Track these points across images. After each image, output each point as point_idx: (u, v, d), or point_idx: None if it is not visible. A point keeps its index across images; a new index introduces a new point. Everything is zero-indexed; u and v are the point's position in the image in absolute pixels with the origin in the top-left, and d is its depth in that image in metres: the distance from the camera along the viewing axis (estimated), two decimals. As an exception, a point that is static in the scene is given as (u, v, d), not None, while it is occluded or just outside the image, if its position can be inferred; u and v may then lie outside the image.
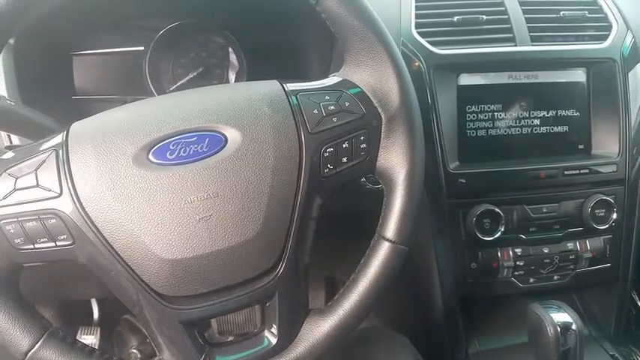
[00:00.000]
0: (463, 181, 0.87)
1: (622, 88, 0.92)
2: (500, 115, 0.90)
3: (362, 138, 0.59)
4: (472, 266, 0.90)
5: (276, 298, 0.57)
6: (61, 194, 0.52)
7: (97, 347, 0.91)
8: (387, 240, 0.60)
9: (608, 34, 0.94)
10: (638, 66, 0.94)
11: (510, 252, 0.90)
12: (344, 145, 0.58)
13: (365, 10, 0.60)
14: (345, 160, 0.58)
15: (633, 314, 1.52)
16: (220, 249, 0.53)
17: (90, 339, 1.20)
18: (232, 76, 0.97)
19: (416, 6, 0.91)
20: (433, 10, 0.91)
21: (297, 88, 0.60)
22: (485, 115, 0.90)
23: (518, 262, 0.90)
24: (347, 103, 0.59)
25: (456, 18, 0.90)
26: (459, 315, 0.94)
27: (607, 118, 0.93)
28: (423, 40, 0.88)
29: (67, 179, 0.52)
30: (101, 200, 0.52)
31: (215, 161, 0.53)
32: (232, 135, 0.55)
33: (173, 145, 0.53)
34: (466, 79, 0.89)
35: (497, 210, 0.87)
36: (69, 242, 0.52)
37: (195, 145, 0.54)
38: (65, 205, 0.52)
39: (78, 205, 0.52)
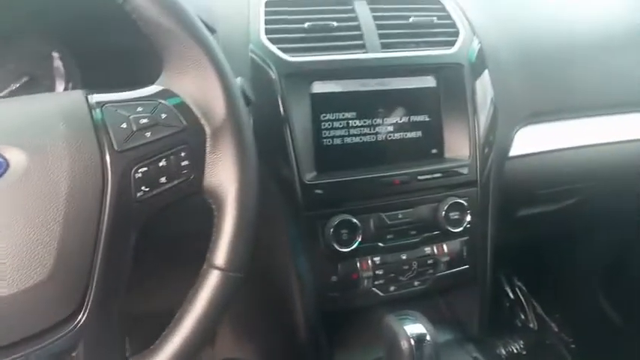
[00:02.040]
0: (319, 191, 0.85)
1: (470, 92, 0.93)
2: (355, 122, 0.89)
3: (183, 154, 0.54)
4: (333, 280, 0.87)
5: (81, 349, 0.49)
6: None
7: None
8: (217, 268, 0.55)
9: (456, 40, 0.95)
10: (486, 72, 0.96)
11: (369, 261, 0.88)
12: (161, 164, 0.52)
13: (179, 10, 0.54)
14: (163, 180, 0.53)
15: (507, 306, 1.61)
16: (1, 297, 0.45)
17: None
18: (61, 87, 0.88)
19: (265, 11, 0.88)
20: (283, 16, 0.88)
21: (104, 100, 0.53)
22: (340, 124, 0.88)
23: (377, 271, 0.89)
24: (163, 116, 0.53)
25: (306, 24, 0.87)
26: (323, 332, 0.91)
27: (457, 122, 0.94)
28: (273, 47, 0.85)
29: None
30: None
31: None
32: (15, 158, 0.47)
33: None
34: (319, 87, 0.87)
35: (354, 220, 0.85)
36: None
37: None
38: None
39: None
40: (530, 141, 1.05)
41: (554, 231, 1.37)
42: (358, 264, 0.88)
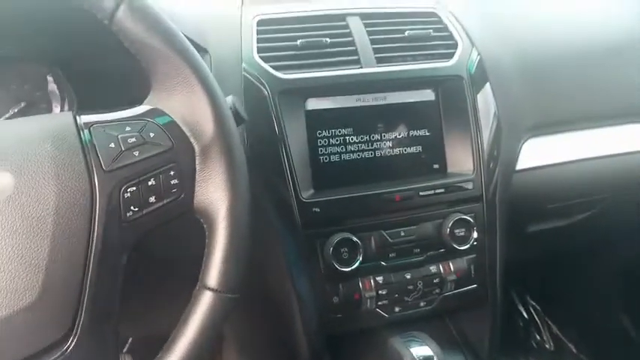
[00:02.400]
0: (317, 209, 0.82)
1: (471, 104, 0.91)
2: (352, 139, 0.87)
3: (172, 173, 0.53)
4: (334, 300, 0.84)
5: None
6: None
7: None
8: (209, 289, 0.53)
9: (454, 52, 0.93)
10: (487, 84, 0.94)
11: (372, 281, 0.85)
12: (150, 183, 0.51)
13: (165, 29, 0.54)
14: (153, 199, 0.51)
15: (521, 326, 1.55)
16: None
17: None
18: (57, 110, 0.88)
19: (257, 30, 0.87)
20: (275, 34, 0.88)
21: (92, 120, 0.52)
22: (337, 140, 0.86)
23: (380, 291, 0.85)
24: (152, 134, 0.52)
25: (299, 41, 0.86)
26: (326, 355, 0.88)
27: (459, 135, 0.91)
28: (266, 65, 0.84)
29: None
30: None
31: None
32: (1, 179, 0.46)
33: None
34: (314, 104, 0.85)
35: (354, 238, 0.82)
36: None
37: None
38: None
39: None
40: (538, 154, 1.02)
41: (568, 246, 1.32)
42: (360, 284, 0.85)
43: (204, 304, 0.53)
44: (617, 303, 1.46)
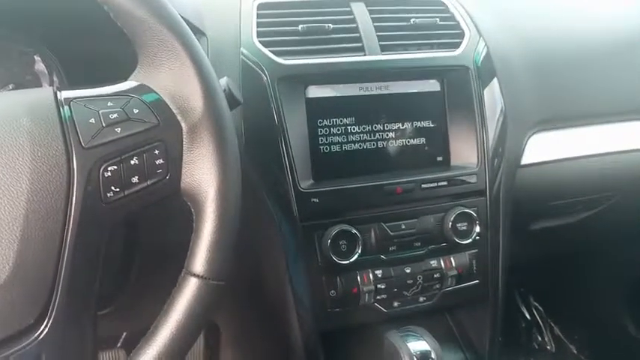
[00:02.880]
0: (316, 200, 0.80)
1: (477, 96, 0.88)
2: (354, 128, 0.84)
3: (157, 152, 0.50)
4: (331, 294, 0.82)
5: None
6: None
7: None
8: (195, 275, 0.50)
9: (461, 42, 0.91)
10: (495, 81, 0.91)
11: (370, 275, 0.83)
12: (132, 162, 0.48)
13: (155, 1, 0.51)
14: (136, 180, 0.49)
15: (523, 327, 1.53)
16: None
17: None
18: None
19: (257, 14, 0.85)
20: (276, 19, 0.85)
21: (73, 96, 0.50)
22: (338, 130, 0.84)
23: (379, 285, 0.83)
24: (135, 111, 0.50)
25: (300, 27, 0.84)
26: (321, 351, 0.85)
27: (464, 128, 0.89)
28: (266, 50, 0.81)
29: None
30: None
31: None
32: None
33: None
34: (315, 92, 0.83)
35: (353, 231, 0.80)
36: None
37: None
38: None
39: None
40: (543, 149, 0.99)
41: (571, 246, 1.30)
42: (358, 277, 0.82)
43: (188, 291, 0.50)
44: (620, 305, 1.44)
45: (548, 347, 1.52)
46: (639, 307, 1.41)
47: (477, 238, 0.87)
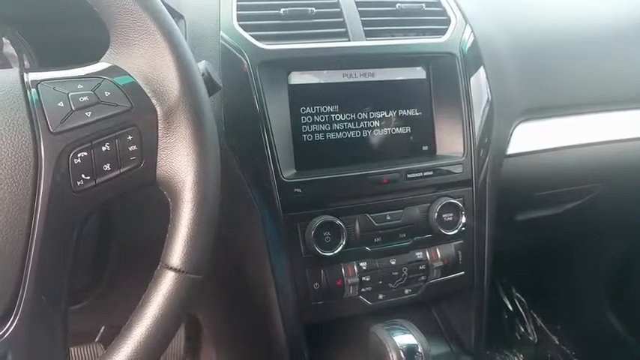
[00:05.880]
0: (299, 190, 0.77)
1: (464, 85, 0.87)
2: (338, 117, 0.82)
3: (130, 138, 0.47)
4: (315, 287, 0.80)
5: None
6: None
7: None
8: (172, 269, 0.48)
9: (447, 28, 0.89)
10: (481, 69, 0.89)
11: (355, 267, 0.81)
12: (104, 148, 0.46)
13: None
14: (107, 167, 0.46)
15: (505, 318, 1.53)
16: None
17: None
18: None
19: None
20: (257, 2, 0.82)
21: (40, 78, 0.47)
22: (322, 118, 0.81)
23: (364, 278, 0.81)
24: (107, 94, 0.47)
25: (282, 10, 0.81)
26: (304, 344, 0.83)
27: (450, 116, 0.87)
28: (246, 34, 0.78)
29: None
30: None
31: None
32: None
33: None
34: (297, 78, 0.80)
35: (337, 222, 0.78)
36: None
37: None
38: None
39: None
40: (529, 138, 0.98)
41: (556, 237, 1.29)
42: (343, 270, 0.80)
43: (165, 285, 0.48)
44: (601, 296, 1.44)
45: (530, 338, 1.53)
46: (620, 299, 1.42)
47: (463, 229, 0.85)
